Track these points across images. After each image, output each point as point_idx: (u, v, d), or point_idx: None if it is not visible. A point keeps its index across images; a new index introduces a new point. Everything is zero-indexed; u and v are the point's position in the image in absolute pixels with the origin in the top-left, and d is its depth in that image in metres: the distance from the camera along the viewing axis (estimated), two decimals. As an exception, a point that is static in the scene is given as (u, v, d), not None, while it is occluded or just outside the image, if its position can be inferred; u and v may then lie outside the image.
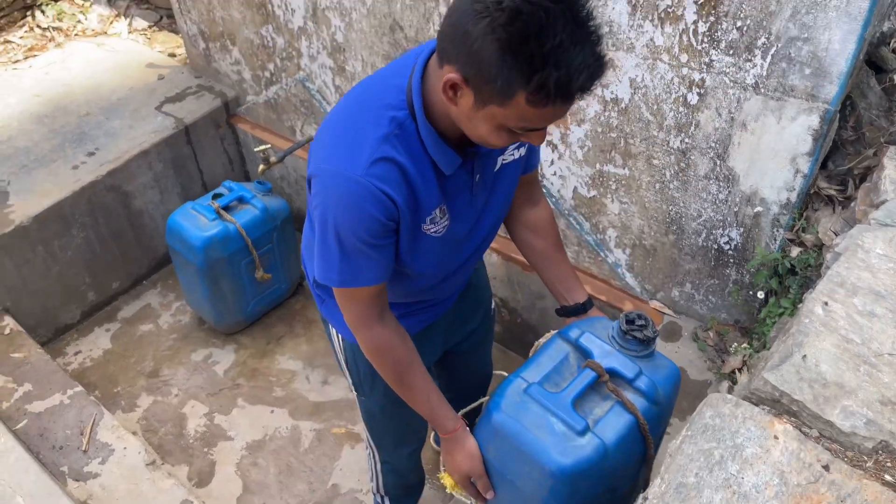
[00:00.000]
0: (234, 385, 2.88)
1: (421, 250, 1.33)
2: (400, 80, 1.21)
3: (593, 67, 1.02)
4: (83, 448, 2.33)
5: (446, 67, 1.08)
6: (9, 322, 2.78)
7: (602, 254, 2.40)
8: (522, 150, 1.41)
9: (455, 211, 1.33)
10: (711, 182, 2.00)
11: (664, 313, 2.35)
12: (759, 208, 1.94)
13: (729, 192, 1.98)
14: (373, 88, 1.26)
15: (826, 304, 1.16)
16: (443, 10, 2.26)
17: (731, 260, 2.10)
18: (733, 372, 1.98)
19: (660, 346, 2.23)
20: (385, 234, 1.24)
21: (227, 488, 2.54)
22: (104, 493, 2.21)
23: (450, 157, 1.23)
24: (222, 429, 2.73)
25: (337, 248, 1.24)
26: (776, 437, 1.06)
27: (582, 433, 1.26)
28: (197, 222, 2.74)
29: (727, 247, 2.08)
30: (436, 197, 1.27)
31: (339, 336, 1.65)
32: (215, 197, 2.83)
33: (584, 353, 1.40)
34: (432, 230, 1.31)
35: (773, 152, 1.83)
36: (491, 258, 2.70)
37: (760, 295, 1.99)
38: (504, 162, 1.38)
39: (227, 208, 2.79)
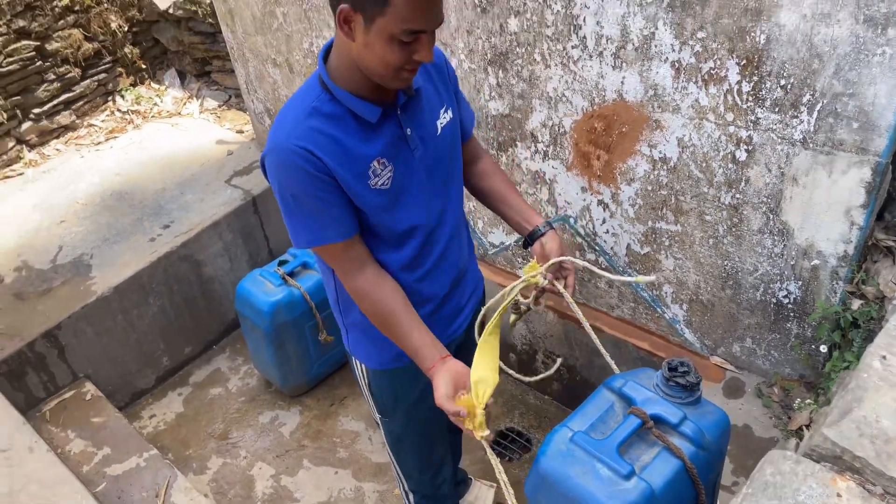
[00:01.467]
0: (299, 446, 2.95)
1: (376, 204, 1.47)
2: (311, 82, 1.46)
3: None
4: (158, 510, 2.42)
5: (339, 12, 1.28)
6: (90, 388, 2.94)
7: (659, 310, 2.41)
8: (450, 114, 1.58)
9: (397, 162, 1.48)
10: (766, 236, 2.00)
11: (726, 369, 2.32)
12: (816, 261, 1.93)
13: (784, 245, 1.98)
14: (293, 97, 1.48)
15: (884, 357, 1.15)
16: (492, 81, 2.37)
17: (792, 314, 2.08)
18: (800, 429, 1.94)
19: (723, 402, 2.21)
20: (321, 186, 1.40)
21: (294, 550, 2.58)
22: (178, 554, 2.29)
23: (367, 106, 1.41)
24: (289, 490, 2.78)
25: (293, 210, 1.44)
26: (839, 495, 1.06)
27: (627, 477, 1.29)
28: (264, 288, 2.87)
29: (786, 301, 2.06)
30: (369, 149, 1.43)
31: (362, 365, 1.78)
32: (281, 263, 2.97)
33: (629, 401, 1.44)
34: (378, 183, 1.46)
35: (827, 205, 1.84)
36: (547, 317, 2.73)
37: (823, 349, 1.96)
38: (441, 125, 1.55)
39: (291, 274, 2.92)
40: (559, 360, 1.89)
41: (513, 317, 1.80)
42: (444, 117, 1.56)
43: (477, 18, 2.27)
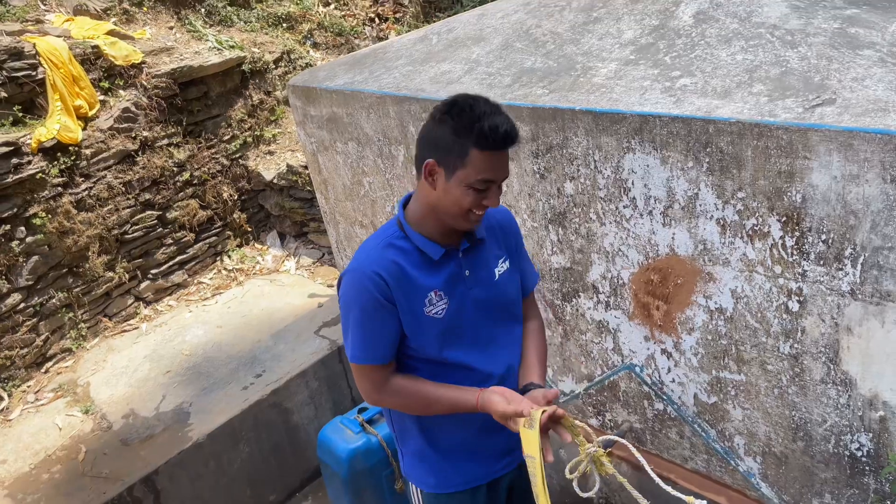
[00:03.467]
0: None
1: (428, 331, 1.70)
2: (389, 223, 1.76)
3: (510, 124, 1.57)
4: None
5: (424, 165, 1.61)
6: (180, 533, 3.08)
7: (732, 463, 2.36)
8: (507, 264, 1.82)
9: (453, 297, 1.71)
10: (829, 386, 1.99)
11: (808, 527, 2.22)
12: (882, 412, 1.90)
13: (849, 396, 1.96)
14: (377, 231, 1.78)
15: None
16: (553, 237, 2.54)
17: (867, 468, 2.01)
18: None
19: (805, 563, 2.10)
20: (381, 308, 1.65)
21: None
22: None
23: (432, 246, 1.69)
24: None
25: (350, 325, 1.67)
26: None
27: None
28: (344, 435, 3.00)
29: (859, 453, 2.00)
30: (429, 282, 1.69)
31: (418, 490, 1.90)
32: (361, 411, 3.10)
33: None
34: (432, 312, 1.70)
35: (885, 355, 1.83)
36: (621, 467, 2.70)
37: (902, 506, 1.88)
38: (499, 272, 1.79)
39: (370, 421, 3.04)
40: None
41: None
42: (502, 266, 1.81)
43: (537, 183, 2.49)
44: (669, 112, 2.01)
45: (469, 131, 1.55)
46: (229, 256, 4.66)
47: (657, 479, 1.63)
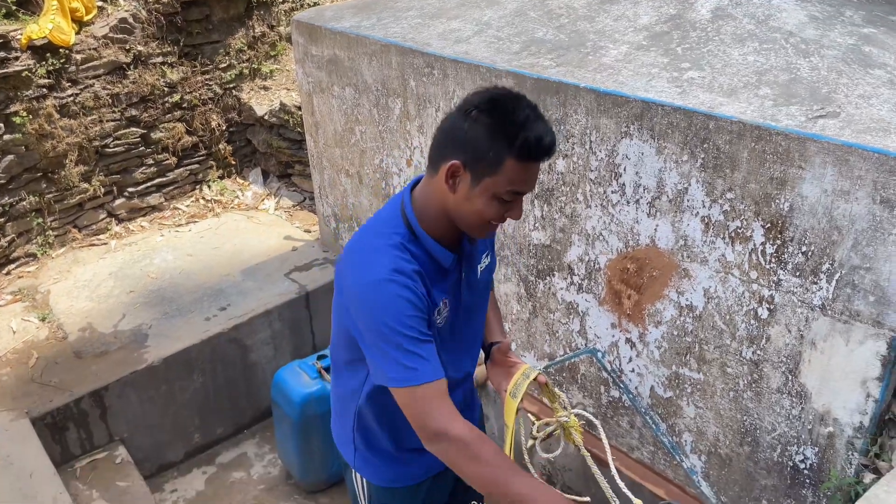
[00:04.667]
0: (306, 544, 2.96)
1: (437, 330, 1.56)
2: (394, 214, 1.52)
3: (552, 134, 1.38)
4: (158, 582, 2.46)
5: (444, 164, 1.40)
6: (122, 452, 3.07)
7: (678, 458, 2.39)
8: (488, 259, 1.71)
9: (452, 305, 1.58)
10: (784, 396, 2.01)
11: (740, 529, 2.26)
12: (832, 429, 1.93)
13: (802, 408, 1.98)
14: (375, 224, 1.55)
15: None
16: (537, 213, 2.52)
17: (808, 480, 2.04)
18: None
19: (732, 564, 2.14)
20: (421, 320, 1.42)
21: None
22: None
23: (444, 253, 1.52)
24: (288, 586, 2.78)
25: (390, 347, 1.39)
26: None
27: None
28: (300, 379, 2.99)
29: (802, 465, 2.04)
30: (441, 290, 1.54)
31: (365, 481, 1.77)
32: (320, 358, 3.09)
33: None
34: (438, 321, 1.55)
35: (844, 373, 1.86)
36: (569, 448, 2.73)
37: (835, 520, 1.92)
38: (481, 269, 1.67)
39: (328, 369, 3.03)
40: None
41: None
42: (484, 262, 1.69)
43: (529, 156, 2.46)
44: (673, 102, 1.99)
45: (509, 138, 1.33)
46: (209, 187, 4.59)
47: (614, 472, 1.60)
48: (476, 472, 1.39)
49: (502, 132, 1.34)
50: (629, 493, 1.53)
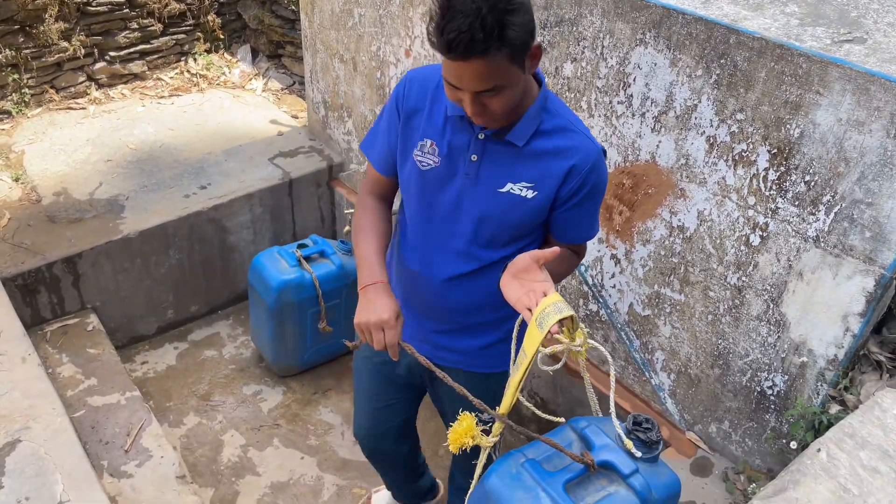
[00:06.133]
0: (273, 424, 3.01)
1: (407, 175, 1.61)
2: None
3: (458, 32, 1.23)
4: (125, 448, 2.49)
5: None
6: (93, 320, 3.05)
7: (647, 374, 2.43)
8: (529, 193, 1.52)
9: (446, 161, 1.55)
10: (762, 324, 2.03)
11: (698, 447, 2.33)
12: (805, 359, 1.95)
13: (778, 337, 2.00)
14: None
15: (819, 450, 1.18)
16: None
17: (773, 406, 2.09)
18: (755, 519, 1.94)
19: (688, 478, 2.22)
20: (392, 112, 1.59)
21: (243, 521, 2.62)
22: (133, 493, 2.35)
23: (454, 105, 1.48)
24: (253, 463, 2.84)
25: (378, 117, 1.67)
26: (754, 567, 1.08)
27: (567, 513, 1.31)
28: (278, 265, 2.96)
29: (770, 392, 2.08)
30: (432, 130, 1.54)
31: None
32: (300, 246, 3.05)
33: (588, 444, 1.47)
34: (419, 159, 1.57)
35: (826, 306, 1.86)
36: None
37: (794, 446, 1.97)
38: (511, 190, 1.52)
39: (308, 258, 3.00)
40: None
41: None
42: (525, 191, 1.52)
43: (536, 57, 2.36)
44: (695, 11, 1.89)
45: (431, 27, 1.29)
46: (195, 60, 4.38)
47: (613, 411, 1.53)
48: (353, 232, 1.69)
49: (431, 18, 1.29)
50: (622, 433, 1.47)
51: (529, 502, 1.41)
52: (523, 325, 1.76)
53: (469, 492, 1.57)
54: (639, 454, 1.43)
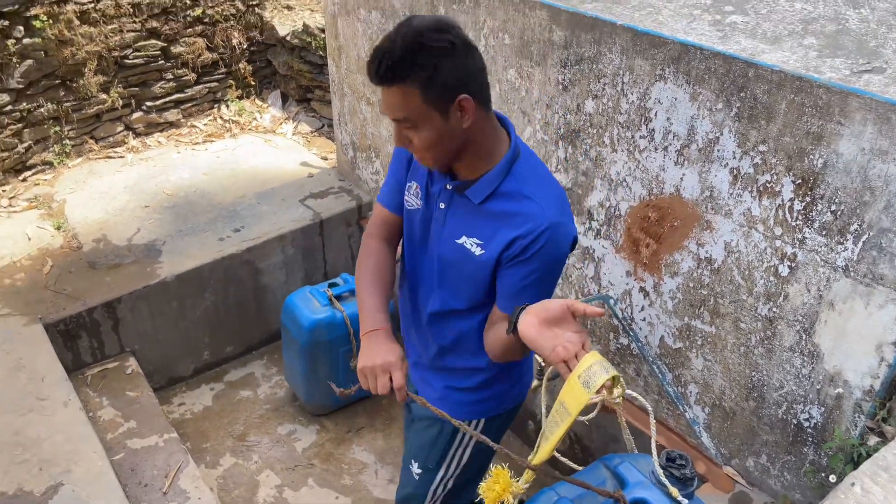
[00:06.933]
0: (308, 464, 3.03)
1: (403, 213, 1.70)
2: None
3: (384, 56, 1.32)
4: (164, 490, 2.53)
5: None
6: (132, 364, 3.12)
7: (681, 408, 2.41)
8: (481, 251, 1.53)
9: (424, 204, 1.62)
10: (796, 355, 2.00)
11: (736, 481, 2.29)
12: (841, 390, 1.92)
13: (812, 368, 1.97)
14: None
15: (853, 484, 1.16)
16: (561, 154, 2.47)
17: (810, 439, 2.05)
18: (796, 556, 1.90)
19: (726, 513, 2.18)
20: (400, 151, 1.66)
21: (280, 561, 2.63)
22: (171, 535, 2.38)
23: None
24: (288, 503, 2.85)
25: None
26: None
27: (598, 555, 1.30)
28: (310, 305, 3.01)
29: (807, 424, 2.04)
30: (419, 175, 1.62)
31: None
32: (331, 285, 3.10)
33: (621, 481, 1.46)
34: (408, 199, 1.66)
35: (860, 336, 1.84)
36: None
37: (833, 479, 1.93)
38: (464, 243, 1.56)
39: (339, 297, 3.05)
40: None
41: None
42: (474, 247, 1.54)
43: (558, 95, 2.40)
44: (713, 46, 1.92)
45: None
46: (227, 106, 4.52)
47: (654, 455, 1.52)
48: (357, 274, 1.73)
49: None
50: (661, 475, 1.44)
51: (562, 541, 1.41)
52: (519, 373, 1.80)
53: None
54: (675, 491, 1.41)
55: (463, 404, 1.81)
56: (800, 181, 1.84)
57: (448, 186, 1.56)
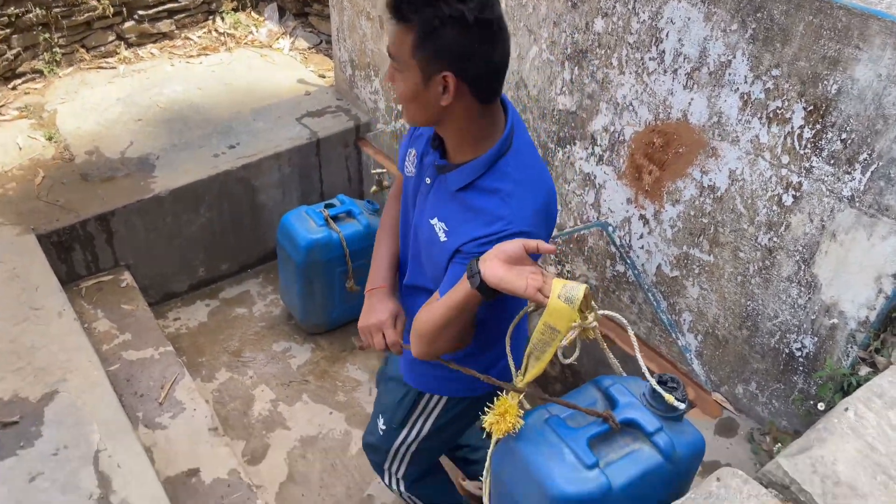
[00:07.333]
0: (303, 380, 3.07)
1: (404, 177, 1.68)
2: None
3: None
4: (160, 401, 2.56)
5: None
6: (127, 277, 3.11)
7: (674, 335, 2.42)
8: (443, 235, 1.50)
9: (416, 177, 1.61)
10: (793, 285, 2.00)
11: (724, 407, 2.33)
12: (835, 320, 1.93)
13: (809, 298, 1.98)
14: None
15: (846, 409, 1.17)
16: (566, 76, 2.41)
17: (801, 368, 2.07)
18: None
19: (713, 439, 2.23)
20: (409, 135, 1.67)
21: (274, 472, 2.69)
22: (167, 444, 2.42)
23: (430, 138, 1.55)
24: (283, 417, 2.90)
25: None
26: (776, 522, 1.09)
27: (590, 468, 1.33)
28: (306, 225, 2.98)
29: (798, 353, 2.06)
30: (419, 143, 1.60)
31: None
32: (328, 206, 3.07)
33: (612, 403, 1.47)
34: (406, 164, 1.65)
35: (860, 268, 1.83)
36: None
37: (821, 407, 1.96)
38: (434, 225, 1.52)
39: (335, 218, 3.02)
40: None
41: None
42: (441, 232, 1.51)
43: (566, 12, 2.32)
44: (732, -37, 1.83)
45: None
46: (223, 18, 4.37)
47: (643, 367, 1.52)
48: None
49: None
50: (661, 390, 1.46)
51: (553, 459, 1.43)
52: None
53: (490, 449, 1.57)
54: (674, 399, 1.41)
55: (427, 377, 1.81)
56: (811, 108, 1.79)
57: (436, 164, 1.52)
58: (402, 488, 2.10)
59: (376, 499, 2.62)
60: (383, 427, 1.97)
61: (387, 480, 2.10)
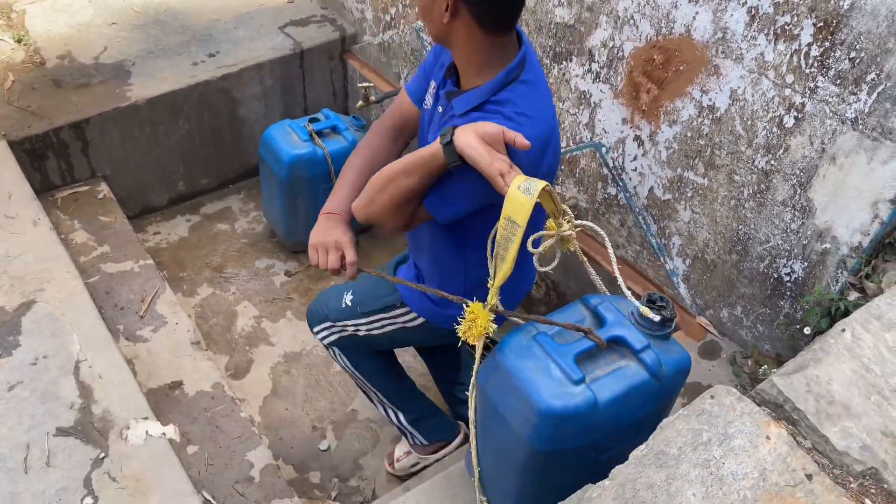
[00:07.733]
0: (286, 298, 3.04)
1: (422, 112, 1.69)
2: None
3: None
4: (140, 314, 2.52)
5: None
6: (104, 189, 3.02)
7: (662, 258, 2.41)
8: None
9: (432, 108, 1.63)
10: (787, 210, 1.98)
11: (708, 331, 2.34)
12: (828, 245, 1.92)
13: (802, 223, 1.96)
14: None
15: (843, 330, 1.16)
16: (567, -14, 2.30)
17: (788, 292, 2.07)
18: (760, 400, 1.97)
19: (696, 360, 2.24)
20: (433, 54, 1.67)
21: (258, 387, 2.70)
22: (149, 356, 2.40)
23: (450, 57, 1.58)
24: (266, 333, 2.89)
25: None
26: (768, 438, 1.09)
27: (576, 383, 1.33)
28: (289, 139, 2.89)
29: (787, 278, 2.06)
30: (436, 76, 1.63)
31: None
32: (312, 121, 2.97)
33: (601, 320, 1.46)
34: (427, 98, 1.66)
35: (857, 192, 1.80)
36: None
37: (807, 331, 1.97)
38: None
39: (320, 133, 2.93)
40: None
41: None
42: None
43: (568, -84, 2.19)
44: None
45: None
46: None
47: (621, 283, 1.53)
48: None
49: None
50: (634, 301, 1.47)
51: (540, 374, 1.42)
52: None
53: (475, 367, 1.56)
54: (657, 318, 1.41)
55: (421, 301, 1.87)
56: (821, 24, 1.72)
57: (446, 90, 1.56)
58: (325, 343, 2.17)
59: (359, 413, 2.64)
60: (348, 303, 2.00)
61: (316, 333, 2.15)
